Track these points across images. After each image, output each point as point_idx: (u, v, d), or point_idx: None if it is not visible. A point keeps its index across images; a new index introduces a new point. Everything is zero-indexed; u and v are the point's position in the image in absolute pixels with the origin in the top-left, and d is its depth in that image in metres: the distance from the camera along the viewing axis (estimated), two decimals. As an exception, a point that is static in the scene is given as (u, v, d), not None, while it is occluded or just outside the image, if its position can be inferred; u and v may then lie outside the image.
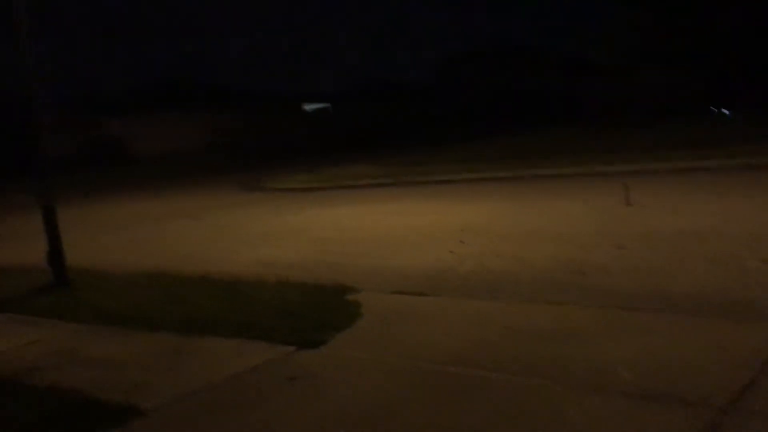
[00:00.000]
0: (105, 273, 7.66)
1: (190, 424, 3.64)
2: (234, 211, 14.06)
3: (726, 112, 19.55)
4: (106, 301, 6.33)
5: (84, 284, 7.11)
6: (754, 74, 19.13)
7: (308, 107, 40.05)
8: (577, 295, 5.40)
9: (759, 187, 9.54)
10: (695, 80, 22.69)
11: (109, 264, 8.20)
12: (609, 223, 8.00)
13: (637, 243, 6.85)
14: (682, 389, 3.40)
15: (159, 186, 22.58)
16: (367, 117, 33.53)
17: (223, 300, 5.99)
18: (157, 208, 16.26)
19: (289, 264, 7.83)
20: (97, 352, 4.99)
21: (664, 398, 3.33)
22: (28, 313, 6.32)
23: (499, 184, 13.57)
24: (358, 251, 8.26)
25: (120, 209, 17.16)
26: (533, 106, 29.38)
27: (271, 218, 12.27)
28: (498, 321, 4.84)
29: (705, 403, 3.23)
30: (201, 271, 7.35)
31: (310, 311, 5.37)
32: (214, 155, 29.53)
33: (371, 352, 4.49)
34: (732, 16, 17.39)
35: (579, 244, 7.07)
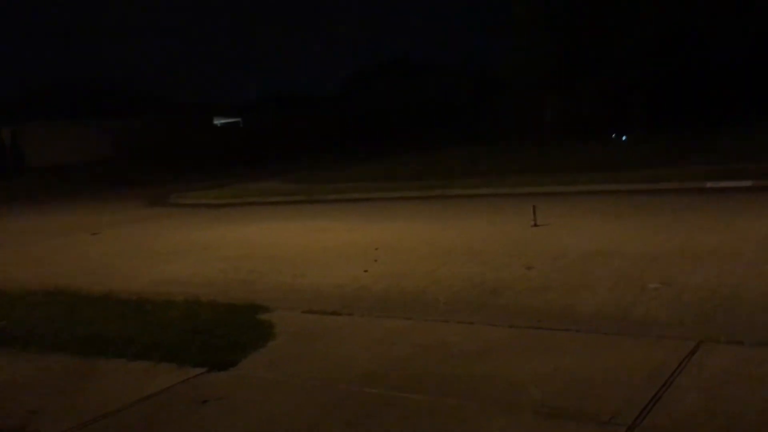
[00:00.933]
0: (-3, 291, 7.21)
1: (92, 453, 3.45)
2: (141, 226, 13.58)
3: (623, 137, 20.55)
4: (-1, 320, 5.96)
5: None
6: (650, 101, 20.22)
7: (219, 121, 39.33)
8: (489, 315, 5.50)
9: (654, 209, 10.04)
10: (595, 104, 23.78)
11: (0, 281, 7.73)
12: (518, 243, 8.22)
13: (544, 263, 7.06)
14: (591, 406, 3.51)
15: (59, 198, 21.56)
16: (279, 131, 33.21)
17: (129, 319, 5.74)
18: (57, 221, 15.50)
19: (199, 282, 7.62)
20: (-11, 377, 4.67)
21: (573, 416, 3.42)
22: None
23: (411, 202, 13.72)
24: (270, 269, 8.13)
25: (13, 223, 16.26)
26: (444, 122, 29.93)
27: (181, 234, 11.92)
28: (412, 340, 4.86)
29: (613, 420, 3.34)
30: (104, 288, 7.05)
31: (221, 331, 5.23)
32: (120, 166, 28.48)
33: (284, 372, 4.41)
34: (630, 42, 18.34)
35: (490, 263, 7.22)
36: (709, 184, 11.59)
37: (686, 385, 3.67)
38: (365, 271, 7.48)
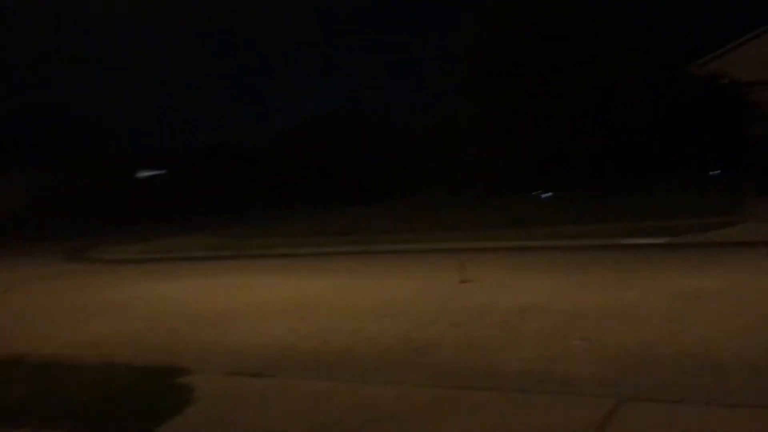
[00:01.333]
0: None
1: None
2: (57, 282, 13.01)
3: (548, 194, 21.17)
4: None
5: None
6: (569, 159, 20.97)
7: (143, 174, 38.48)
8: (416, 374, 5.45)
9: (576, 265, 10.31)
10: (519, 162, 24.52)
11: None
12: (446, 300, 8.24)
13: (472, 320, 7.10)
14: (515, 470, 3.48)
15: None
16: (208, 183, 32.74)
17: (35, 385, 5.41)
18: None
19: (116, 343, 7.29)
20: None
21: (498, 480, 3.38)
22: None
23: (340, 258, 13.66)
24: (192, 328, 7.88)
25: None
26: (374, 176, 30.19)
27: (98, 291, 11.46)
28: (339, 402, 4.75)
29: (536, 484, 3.32)
30: (12, 351, 6.65)
31: (136, 397, 4.99)
32: (35, 219, 27.34)
33: (203, 441, 4.22)
34: (549, 106, 19.11)
35: (418, 321, 7.20)
36: (627, 241, 12.01)
37: (608, 445, 3.70)
38: (292, 329, 7.34)
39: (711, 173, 21.89)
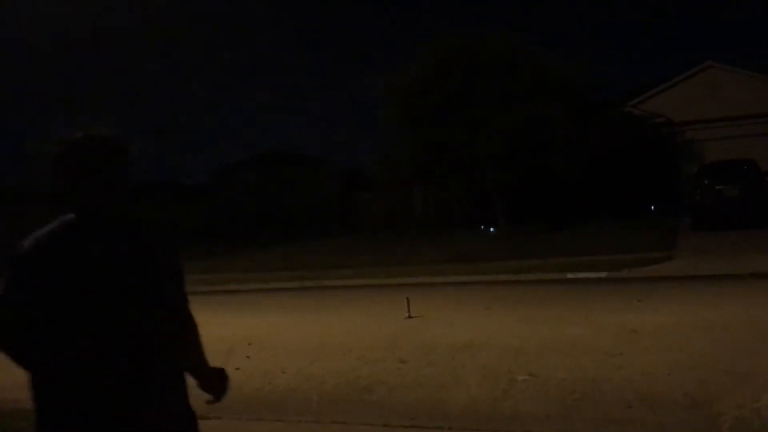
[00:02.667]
0: None
1: None
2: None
3: (491, 229, 21.50)
4: None
5: None
6: (513, 194, 21.42)
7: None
8: (363, 413, 5.42)
9: (520, 300, 10.45)
10: (462, 198, 24.91)
11: None
12: (392, 336, 8.23)
13: (417, 357, 7.10)
14: None
15: None
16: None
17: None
18: None
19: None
20: None
21: None
22: None
23: (285, 293, 13.53)
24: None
25: None
26: (312, 215, 30.11)
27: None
28: (283, 445, 4.68)
29: None
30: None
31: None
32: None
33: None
34: (491, 143, 19.53)
35: (364, 358, 7.17)
36: (569, 275, 12.26)
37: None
38: (237, 369, 7.19)
39: (648, 209, 22.65)
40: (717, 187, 17.59)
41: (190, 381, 2.43)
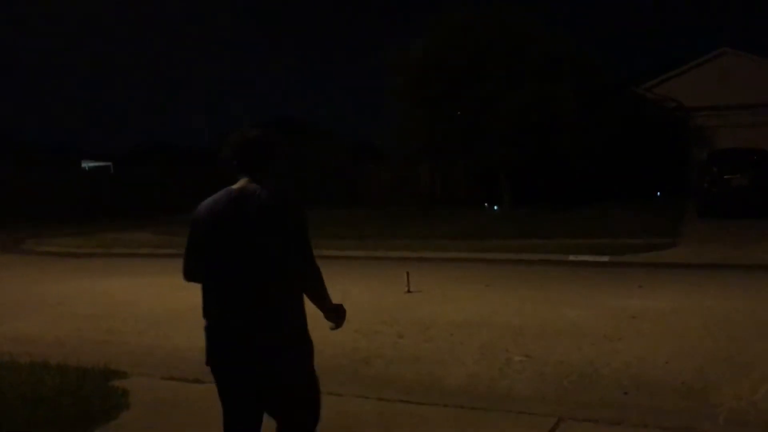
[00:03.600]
0: None
1: None
2: (-12, 274, 12.52)
3: (495, 207, 21.43)
4: None
5: None
6: (516, 177, 21.33)
7: (87, 165, 37.44)
8: (359, 385, 5.41)
9: (522, 279, 10.43)
10: (469, 175, 24.79)
11: None
12: (391, 310, 8.22)
13: (416, 332, 7.10)
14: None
15: None
16: (152, 180, 32.00)
17: (-38, 385, 5.18)
18: None
19: (49, 342, 7.06)
20: None
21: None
22: None
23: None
24: (131, 329, 7.68)
25: None
26: (319, 186, 30.04)
27: (33, 285, 11.07)
28: (278, 413, 4.67)
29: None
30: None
31: (69, 400, 4.82)
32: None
33: (137, 449, 4.09)
34: (499, 121, 19.39)
35: (363, 330, 7.15)
36: (571, 257, 12.21)
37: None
38: (233, 334, 7.22)
39: (655, 194, 22.52)
40: (725, 176, 17.45)
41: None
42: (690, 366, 5.63)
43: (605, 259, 11.94)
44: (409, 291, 9.27)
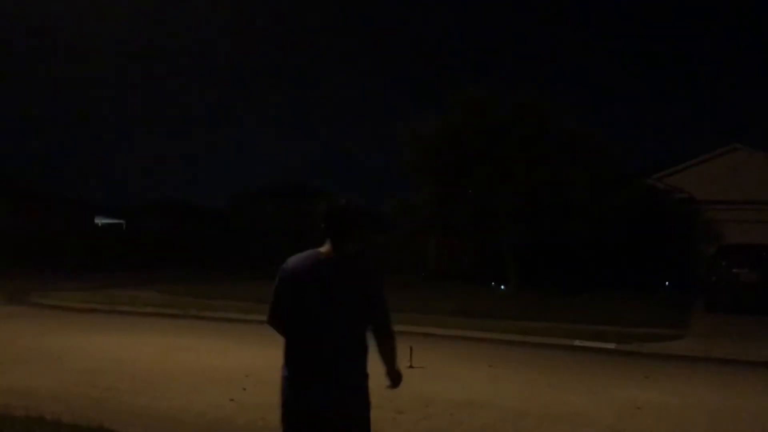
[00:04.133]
0: None
1: None
2: (-10, 323, 12.49)
3: (502, 286, 21.35)
4: None
5: None
6: (528, 255, 21.31)
7: (100, 221, 37.83)
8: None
9: (525, 362, 10.28)
10: (476, 252, 24.78)
11: None
12: (391, 385, 8.09)
13: (415, 408, 7.00)
14: None
15: None
16: (164, 238, 32.21)
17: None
18: None
19: (45, 396, 6.99)
20: None
21: None
22: None
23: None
24: (128, 388, 7.60)
25: None
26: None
27: (33, 339, 11.03)
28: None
29: None
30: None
31: (60, 457, 4.74)
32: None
33: None
34: (510, 202, 19.55)
35: (360, 404, 7.05)
36: (576, 342, 12.08)
37: None
38: (231, 399, 7.13)
39: (663, 285, 22.38)
40: (734, 270, 17.38)
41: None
42: (694, 463, 5.50)
43: (611, 346, 11.79)
44: (411, 366, 9.15)
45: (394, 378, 3.56)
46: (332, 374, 3.19)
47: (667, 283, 22.55)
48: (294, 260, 3.32)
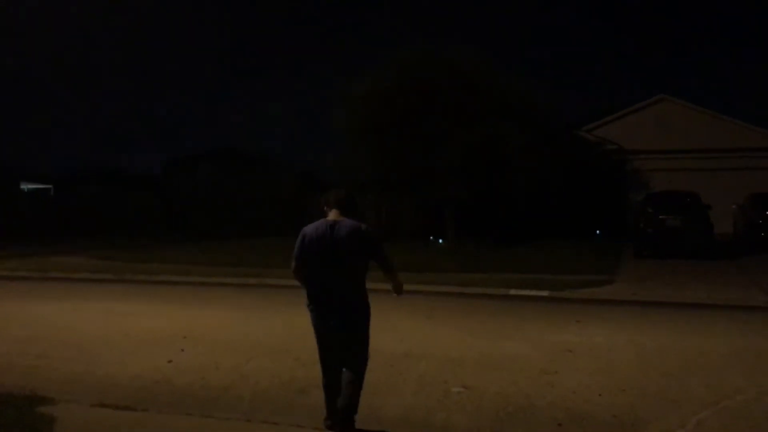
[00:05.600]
0: None
1: None
2: None
3: (440, 240, 21.63)
4: None
5: None
6: (464, 209, 21.59)
7: (26, 186, 36.34)
8: (295, 415, 5.36)
9: (463, 313, 10.51)
10: (415, 209, 24.96)
11: None
12: (331, 340, 8.16)
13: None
14: None
15: None
16: (92, 204, 31.22)
17: None
18: None
19: (-28, 366, 6.76)
20: None
21: None
22: None
23: (228, 289, 13.34)
24: (61, 355, 7.42)
25: None
26: (269, 213, 29.82)
27: (-41, 309, 10.62)
28: (210, 442, 4.57)
29: None
30: None
31: (-9, 427, 4.62)
32: None
33: (60, 478, 3.94)
34: (446, 159, 19.69)
35: (301, 359, 7.09)
36: (512, 292, 12.40)
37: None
38: (169, 361, 7.05)
39: (594, 233, 23.08)
40: (660, 217, 18.05)
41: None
42: (623, 400, 5.76)
43: (545, 294, 12.16)
44: (350, 322, 9.22)
45: (397, 288, 5.34)
46: (343, 302, 4.82)
47: (598, 231, 23.26)
48: (310, 227, 4.88)
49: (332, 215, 4.86)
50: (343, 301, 4.80)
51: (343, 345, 4.86)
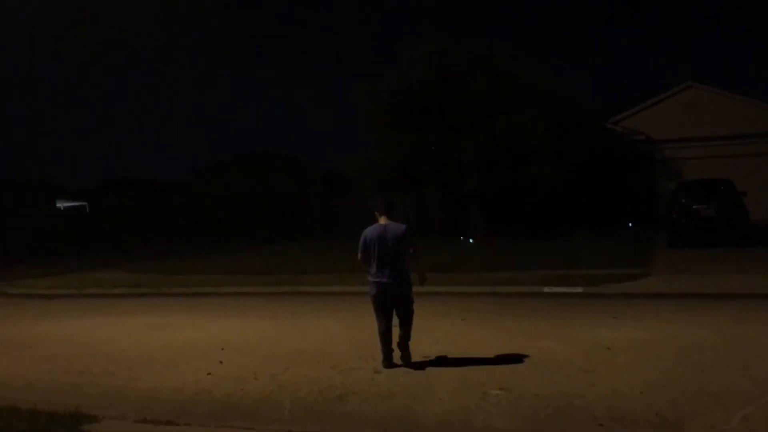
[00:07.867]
0: None
1: None
2: (-45, 317, 12.24)
3: (470, 240, 21.54)
4: None
5: None
6: (488, 209, 21.52)
7: (62, 204, 37.04)
8: (335, 423, 5.38)
9: (497, 312, 10.45)
10: (442, 207, 24.90)
11: None
12: (368, 345, 8.14)
13: (393, 367, 7.07)
14: None
15: None
16: (127, 216, 31.74)
17: (-73, 432, 5.05)
18: None
19: (19, 386, 6.92)
20: None
21: None
22: None
23: (261, 298, 13.44)
24: (102, 371, 7.55)
25: None
26: (293, 218, 30.01)
27: (2, 330, 10.86)
28: (253, 453, 4.62)
29: None
30: None
31: (39, 445, 4.72)
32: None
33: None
34: (466, 158, 19.63)
35: (339, 366, 7.13)
36: (546, 289, 12.30)
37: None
38: (208, 373, 7.14)
39: (626, 225, 22.79)
40: (694, 206, 17.76)
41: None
42: (664, 397, 5.68)
43: (579, 290, 12.04)
44: (385, 326, 9.23)
45: (422, 278, 7.30)
46: (393, 274, 6.90)
47: (630, 224, 22.98)
48: (370, 229, 7.04)
49: (382, 220, 7.03)
50: (393, 270, 6.89)
51: (395, 301, 6.99)
